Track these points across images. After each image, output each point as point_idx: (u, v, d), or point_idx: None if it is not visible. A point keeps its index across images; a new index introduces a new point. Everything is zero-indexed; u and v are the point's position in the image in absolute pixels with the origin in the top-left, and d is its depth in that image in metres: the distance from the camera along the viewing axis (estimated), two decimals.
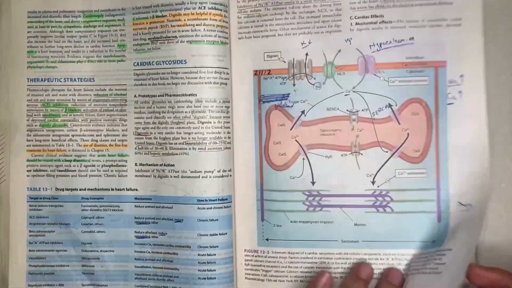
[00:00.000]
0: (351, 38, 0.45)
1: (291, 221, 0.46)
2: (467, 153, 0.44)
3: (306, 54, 0.46)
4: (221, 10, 0.45)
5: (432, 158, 0.44)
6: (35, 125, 0.48)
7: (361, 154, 0.45)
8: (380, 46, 0.45)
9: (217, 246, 0.45)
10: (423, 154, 0.44)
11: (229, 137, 0.46)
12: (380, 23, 0.45)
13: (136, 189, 0.47)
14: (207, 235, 0.45)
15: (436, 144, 0.44)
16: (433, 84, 0.44)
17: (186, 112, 0.45)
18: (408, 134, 0.45)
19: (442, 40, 0.44)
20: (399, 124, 0.45)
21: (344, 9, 0.45)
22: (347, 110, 0.45)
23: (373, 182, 0.45)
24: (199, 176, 0.45)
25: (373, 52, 0.45)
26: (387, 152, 0.45)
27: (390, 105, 0.45)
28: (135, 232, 0.47)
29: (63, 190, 0.48)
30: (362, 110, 0.45)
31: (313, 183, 0.46)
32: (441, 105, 0.44)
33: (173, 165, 0.45)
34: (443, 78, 0.44)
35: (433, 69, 0.44)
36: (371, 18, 0.45)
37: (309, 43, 0.46)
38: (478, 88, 0.43)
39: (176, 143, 0.45)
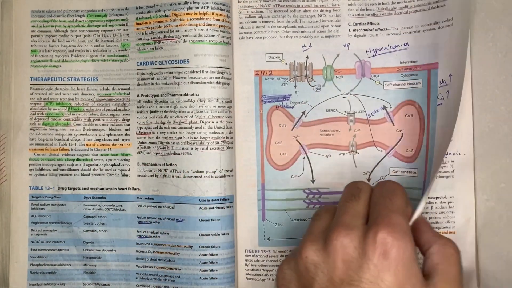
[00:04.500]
0: (349, 44, 0.47)
1: (292, 219, 0.46)
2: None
3: (307, 57, 0.47)
4: (223, 10, 0.45)
5: (423, 158, 0.45)
6: (38, 124, 0.48)
7: (358, 153, 0.46)
8: (376, 51, 0.46)
9: (219, 246, 0.45)
10: (415, 154, 0.45)
11: (231, 137, 0.46)
12: (376, 30, 0.46)
13: (138, 189, 0.47)
14: (209, 235, 0.45)
15: (427, 145, 0.45)
16: (426, 86, 0.45)
17: (188, 111, 0.45)
18: (402, 134, 0.46)
19: (435, 42, 0.45)
20: (393, 125, 0.46)
21: (342, 15, 0.46)
22: (345, 112, 0.46)
23: (368, 180, 0.46)
24: (201, 176, 0.45)
25: (369, 57, 0.46)
26: (382, 151, 0.46)
27: (385, 107, 0.46)
28: (137, 231, 0.47)
29: (65, 189, 0.48)
30: (359, 112, 0.46)
31: (313, 181, 0.46)
32: (432, 107, 0.45)
33: (175, 165, 0.45)
34: (435, 79, 0.45)
35: (426, 72, 0.45)
36: (367, 25, 0.46)
37: (310, 46, 0.47)
38: (465, 87, 0.43)
39: (179, 143, 0.45)
